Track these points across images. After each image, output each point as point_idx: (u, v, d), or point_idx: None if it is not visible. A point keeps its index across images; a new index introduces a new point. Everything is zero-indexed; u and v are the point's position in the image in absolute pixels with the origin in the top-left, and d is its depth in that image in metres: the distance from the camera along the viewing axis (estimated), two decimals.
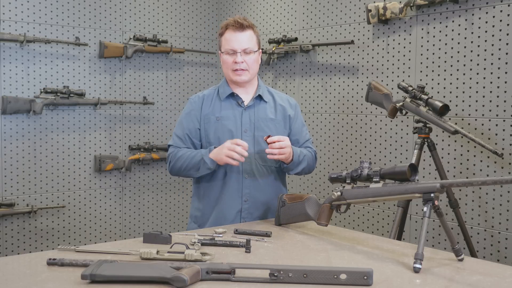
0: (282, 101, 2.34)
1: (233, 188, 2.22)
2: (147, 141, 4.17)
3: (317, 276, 1.37)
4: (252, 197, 2.23)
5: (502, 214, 2.79)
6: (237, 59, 2.20)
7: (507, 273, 1.52)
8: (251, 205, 2.23)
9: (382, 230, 3.33)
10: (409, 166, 1.66)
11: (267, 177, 2.26)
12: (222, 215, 2.22)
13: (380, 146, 3.35)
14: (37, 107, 3.63)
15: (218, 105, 2.28)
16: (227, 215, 2.22)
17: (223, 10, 4.54)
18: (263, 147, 2.22)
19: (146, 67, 4.18)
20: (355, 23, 3.48)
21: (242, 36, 2.22)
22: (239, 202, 2.22)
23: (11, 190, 3.64)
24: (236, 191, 2.22)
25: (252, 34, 2.24)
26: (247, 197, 2.23)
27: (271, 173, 2.28)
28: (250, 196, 2.23)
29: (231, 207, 2.22)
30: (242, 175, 2.22)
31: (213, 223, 2.21)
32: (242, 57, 2.20)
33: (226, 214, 2.22)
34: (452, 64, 2.98)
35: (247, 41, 2.22)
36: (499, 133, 2.78)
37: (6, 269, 1.49)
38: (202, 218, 2.27)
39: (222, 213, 2.23)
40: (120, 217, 4.13)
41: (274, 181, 2.29)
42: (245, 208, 2.22)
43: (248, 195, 2.23)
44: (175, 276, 1.33)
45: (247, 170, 2.22)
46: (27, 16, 3.66)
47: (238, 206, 2.22)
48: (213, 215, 2.24)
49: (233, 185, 2.22)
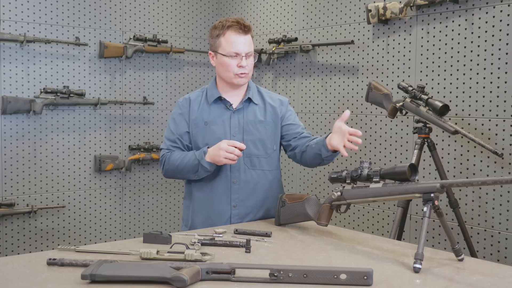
0: (272, 101, 2.29)
1: (222, 194, 2.19)
2: (147, 141, 4.17)
3: (317, 276, 1.37)
4: (241, 201, 2.19)
5: (502, 214, 2.79)
6: (242, 63, 2.16)
7: (507, 273, 1.52)
8: (241, 211, 2.19)
9: (382, 230, 3.34)
10: (409, 166, 1.66)
11: (257, 181, 2.21)
12: (212, 221, 2.18)
13: (380, 146, 3.35)
14: (37, 107, 3.63)
15: (206, 109, 2.24)
16: (217, 221, 2.18)
17: (223, 10, 4.54)
18: (252, 150, 2.20)
19: (146, 67, 4.18)
20: (355, 23, 3.48)
21: (246, 39, 2.18)
22: (228, 208, 2.19)
23: (11, 190, 3.64)
24: (225, 197, 2.19)
25: (251, 37, 2.22)
26: (236, 202, 2.19)
27: (261, 176, 2.23)
28: (239, 201, 2.19)
29: (220, 212, 2.19)
30: (230, 180, 2.19)
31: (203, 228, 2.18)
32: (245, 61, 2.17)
33: (216, 220, 2.18)
34: (452, 64, 2.98)
35: (249, 45, 2.19)
36: (499, 133, 2.78)
37: (6, 269, 1.49)
38: (193, 222, 2.25)
39: (211, 219, 2.19)
40: (120, 217, 4.13)
41: (265, 184, 2.23)
42: (234, 214, 2.19)
43: (237, 200, 2.19)
44: (175, 276, 1.33)
45: (236, 175, 2.19)
46: (27, 16, 3.66)
47: (228, 212, 2.19)
48: (203, 220, 2.21)
49: (221, 190, 2.19)
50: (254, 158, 2.21)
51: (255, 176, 2.21)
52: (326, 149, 2.05)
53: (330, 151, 2.05)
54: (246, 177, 2.20)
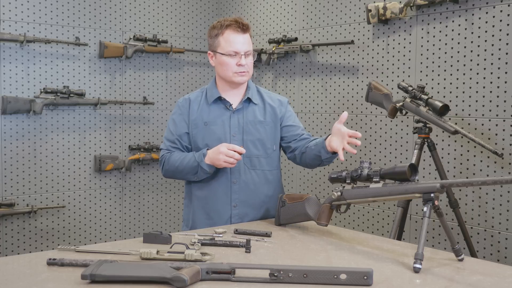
0: (272, 101, 2.30)
1: (222, 194, 2.19)
2: (147, 141, 4.17)
3: (317, 276, 1.37)
4: (241, 202, 2.20)
5: (502, 214, 2.79)
6: (241, 61, 2.17)
7: (507, 273, 1.52)
8: (241, 211, 2.20)
9: (382, 230, 3.34)
10: (409, 166, 1.66)
11: (257, 181, 2.22)
12: (212, 221, 2.19)
13: (380, 146, 3.35)
14: (37, 107, 3.63)
15: (206, 109, 2.24)
16: (217, 221, 2.19)
17: (223, 10, 4.54)
18: (252, 151, 2.20)
19: (146, 67, 4.18)
20: (355, 23, 3.48)
21: (244, 38, 2.20)
22: (228, 208, 2.19)
23: (11, 190, 3.64)
24: (225, 197, 2.19)
25: (250, 36, 2.24)
26: (236, 202, 2.20)
27: (261, 177, 2.23)
28: (239, 202, 2.20)
29: (221, 212, 2.20)
30: (230, 181, 2.19)
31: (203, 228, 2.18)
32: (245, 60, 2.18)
33: (216, 220, 2.19)
34: (452, 64, 2.98)
35: (248, 43, 2.20)
36: (499, 133, 2.78)
37: (6, 269, 1.49)
38: (193, 222, 2.25)
39: (211, 219, 2.20)
40: (120, 217, 4.13)
41: (265, 184, 2.24)
42: (235, 214, 2.19)
43: (237, 200, 2.20)
44: (175, 276, 1.33)
45: (236, 175, 2.19)
46: (27, 16, 3.66)
47: (228, 212, 2.19)
48: (203, 220, 2.22)
49: (222, 190, 2.19)
50: (254, 159, 2.22)
51: (255, 176, 2.22)
52: (325, 150, 2.06)
53: (330, 153, 2.07)
54: (246, 177, 2.20)
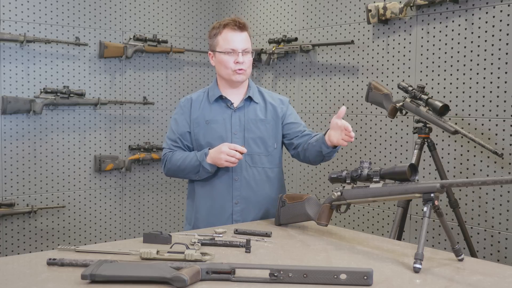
0: (273, 100, 2.32)
1: (223, 191, 2.21)
2: (147, 141, 4.17)
3: (317, 276, 1.37)
4: (243, 199, 2.22)
5: (502, 214, 2.79)
6: (239, 59, 2.20)
7: (507, 273, 1.52)
8: (243, 208, 2.22)
9: (382, 230, 3.33)
10: (409, 166, 1.66)
11: (258, 178, 2.24)
12: (214, 218, 2.21)
13: (380, 146, 3.35)
14: (37, 107, 3.63)
15: (207, 108, 2.27)
16: (219, 218, 2.20)
17: (223, 10, 4.54)
18: (253, 148, 2.22)
19: (146, 67, 4.18)
20: (355, 23, 3.48)
21: (242, 36, 2.23)
22: (230, 205, 2.21)
23: (11, 190, 3.64)
24: (227, 194, 2.21)
25: (248, 35, 2.26)
26: (237, 199, 2.22)
27: (262, 174, 2.25)
28: (241, 198, 2.22)
29: (222, 209, 2.21)
30: (232, 178, 2.21)
31: (206, 226, 2.19)
32: (242, 57, 2.20)
33: (218, 217, 2.21)
34: (452, 64, 2.98)
35: (246, 41, 2.23)
36: (499, 133, 2.78)
37: (6, 269, 1.49)
38: (196, 220, 2.27)
39: (214, 216, 2.22)
40: (120, 217, 4.13)
41: (266, 182, 2.26)
42: (236, 211, 2.21)
43: (238, 197, 2.21)
44: (175, 276, 1.33)
45: (237, 172, 2.21)
46: (27, 16, 3.66)
47: (229, 209, 2.21)
48: (205, 217, 2.23)
49: (223, 187, 2.21)
50: (255, 156, 2.24)
51: (256, 174, 2.24)
52: (326, 145, 2.09)
53: (330, 147, 2.10)
54: (248, 175, 2.23)
